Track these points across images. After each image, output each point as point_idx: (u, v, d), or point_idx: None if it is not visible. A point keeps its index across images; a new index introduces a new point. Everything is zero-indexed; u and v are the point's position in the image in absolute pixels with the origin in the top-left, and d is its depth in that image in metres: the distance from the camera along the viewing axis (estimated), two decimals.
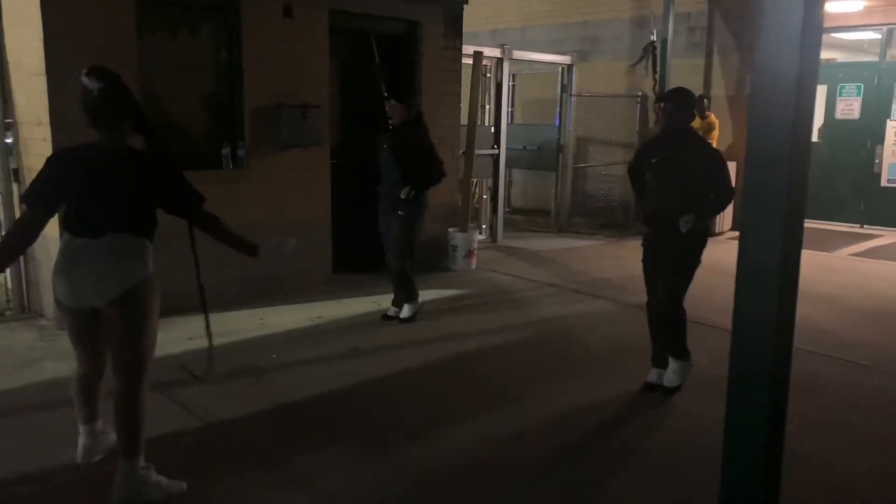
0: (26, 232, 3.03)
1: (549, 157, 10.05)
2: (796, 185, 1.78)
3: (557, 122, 9.95)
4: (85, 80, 2.98)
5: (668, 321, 4.19)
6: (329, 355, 4.91)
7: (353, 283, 6.64)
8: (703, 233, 4.13)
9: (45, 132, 5.10)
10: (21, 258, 5.61)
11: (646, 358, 4.48)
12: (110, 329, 3.03)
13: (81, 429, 3.31)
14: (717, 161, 4.03)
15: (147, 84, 5.44)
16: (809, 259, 8.18)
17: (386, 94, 5.58)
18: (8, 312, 5.64)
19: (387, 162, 5.42)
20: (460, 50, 7.50)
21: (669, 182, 4.01)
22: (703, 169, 3.96)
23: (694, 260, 4.07)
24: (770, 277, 1.84)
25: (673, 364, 4.23)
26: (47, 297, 5.47)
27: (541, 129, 10.39)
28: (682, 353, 4.24)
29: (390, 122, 5.41)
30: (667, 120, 4.00)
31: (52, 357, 4.71)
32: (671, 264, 4.11)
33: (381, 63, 6.62)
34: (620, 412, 4.11)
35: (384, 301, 6.04)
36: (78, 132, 4.96)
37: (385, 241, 5.63)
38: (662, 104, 4.04)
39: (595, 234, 9.90)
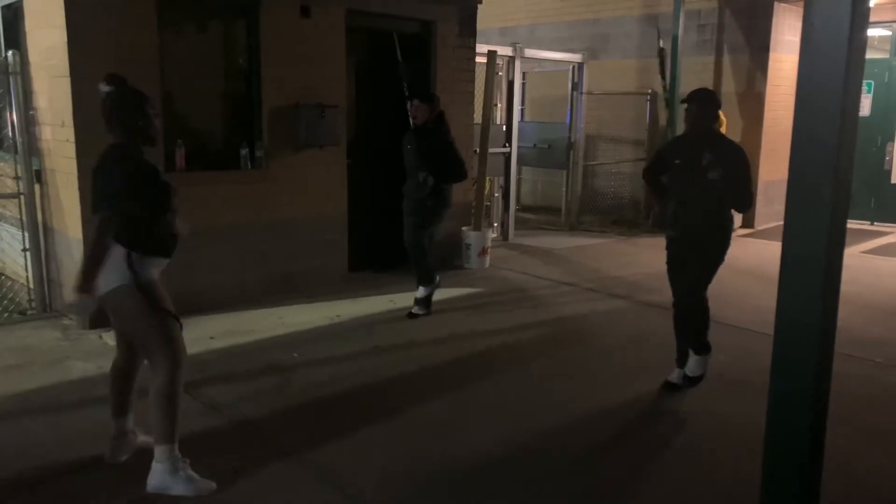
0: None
1: (559, 155, 10.09)
2: (842, 191, 1.83)
3: (568, 119, 9.99)
4: (100, 85, 3.13)
5: (691, 314, 4.23)
6: (351, 353, 4.96)
7: (370, 281, 6.70)
8: (728, 231, 4.17)
9: (68, 133, 5.15)
10: (42, 258, 5.71)
11: (665, 356, 4.53)
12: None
13: (112, 424, 3.39)
14: (740, 161, 4.05)
15: (168, 84, 5.51)
16: None
17: (408, 94, 5.63)
18: (30, 312, 5.70)
19: (411, 162, 5.48)
20: (474, 49, 7.54)
21: (693, 184, 4.05)
22: (726, 170, 3.99)
23: (718, 257, 4.12)
24: (813, 276, 1.90)
25: (694, 357, 4.28)
26: (69, 296, 5.53)
27: (551, 127, 10.43)
28: (703, 349, 4.29)
29: (414, 121, 5.46)
30: (692, 121, 4.04)
31: (78, 356, 4.78)
32: (696, 260, 4.15)
33: (402, 63, 6.65)
34: (645, 410, 4.16)
35: (400, 300, 6.11)
36: (101, 133, 5.08)
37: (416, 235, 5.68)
38: (687, 105, 4.08)
39: (606, 232, 9.94)
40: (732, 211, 4.29)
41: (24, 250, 5.68)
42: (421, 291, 5.75)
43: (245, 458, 3.47)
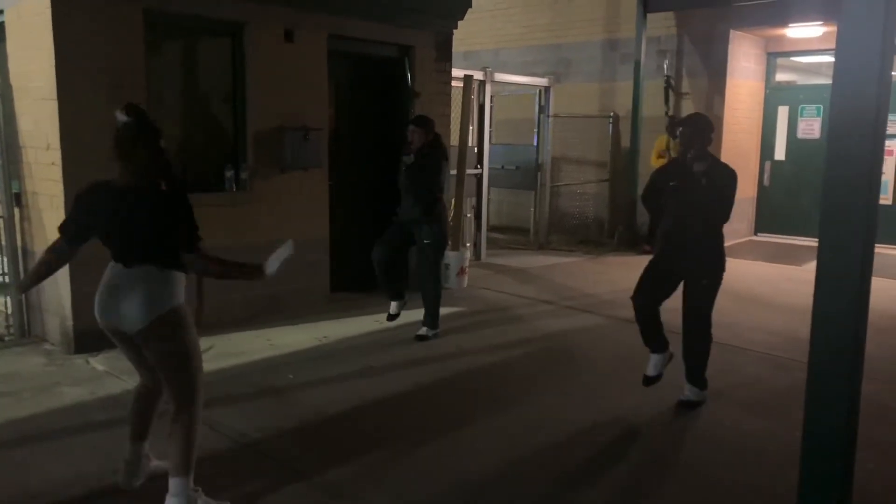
0: (53, 259, 3.16)
1: (527, 176, 10.31)
2: (872, 205, 2.02)
3: (536, 142, 10.22)
4: (116, 114, 3.09)
5: (701, 341, 4.40)
6: (344, 373, 5.00)
7: (351, 302, 6.74)
8: (723, 252, 4.36)
9: (54, 156, 5.10)
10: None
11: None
12: (149, 358, 3.14)
13: (128, 447, 3.35)
14: (731, 183, 4.26)
15: (153, 106, 5.48)
16: (782, 272, 8.60)
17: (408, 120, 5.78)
18: (8, 338, 5.58)
19: (405, 184, 5.57)
20: (450, 73, 7.70)
21: (689, 205, 4.23)
22: (719, 191, 4.19)
23: (718, 279, 4.31)
24: (848, 291, 2.06)
25: (692, 388, 4.45)
26: (51, 322, 5.45)
27: (519, 149, 10.66)
28: (703, 383, 4.46)
29: (410, 145, 5.56)
30: (685, 144, 4.23)
31: (68, 382, 4.70)
32: (697, 287, 4.32)
33: (412, 89, 6.80)
34: (640, 423, 4.30)
35: (384, 319, 6.17)
36: (88, 156, 5.05)
37: (383, 240, 5.74)
38: (681, 129, 4.28)
39: (573, 251, 10.17)
40: None
41: (2, 274, 5.56)
42: (423, 331, 5.79)
43: (256, 479, 3.49)
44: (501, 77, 9.50)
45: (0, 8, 5.55)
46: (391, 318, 5.93)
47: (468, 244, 9.16)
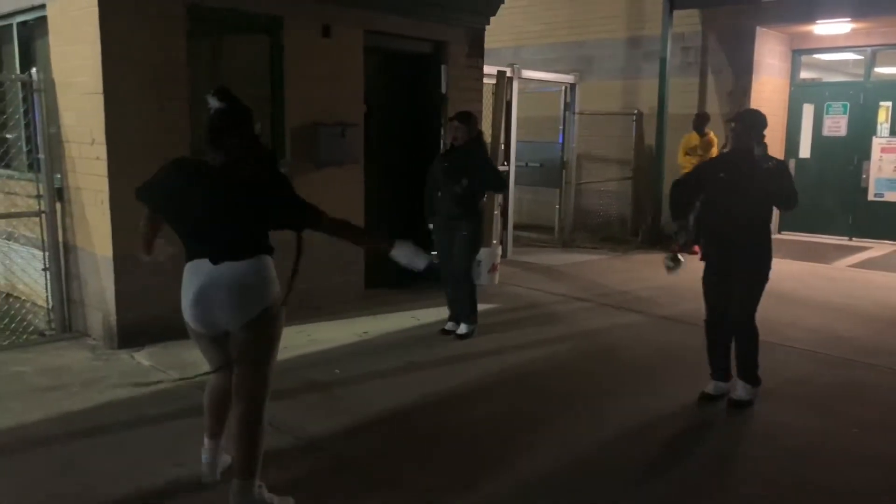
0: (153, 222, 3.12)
1: (551, 174, 10.28)
2: None
3: (561, 139, 10.19)
4: (208, 99, 3.03)
5: (743, 335, 4.36)
6: (388, 370, 4.98)
7: (386, 298, 6.72)
8: (770, 247, 4.32)
9: (98, 151, 5.10)
10: (62, 278, 5.59)
11: (697, 368, 4.64)
12: (238, 350, 3.03)
13: (206, 443, 3.33)
14: (785, 171, 4.24)
15: (195, 103, 5.48)
16: (811, 270, 8.56)
17: (450, 117, 5.75)
18: (49, 332, 5.57)
19: (446, 182, 5.54)
20: (482, 69, 7.68)
21: (738, 198, 4.20)
22: (770, 183, 4.15)
23: (765, 274, 4.27)
24: None
25: (743, 384, 4.41)
26: (94, 316, 5.44)
27: (543, 147, 10.61)
28: (756, 380, 4.42)
29: (453, 142, 5.53)
30: (735, 140, 4.21)
31: (115, 377, 4.70)
32: (744, 281, 4.29)
33: (418, 83, 6.77)
34: (698, 421, 4.28)
35: (423, 316, 6.17)
36: (133, 150, 5.06)
37: (442, 261, 5.68)
38: (733, 125, 4.25)
39: (598, 249, 10.13)
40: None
41: (45, 269, 5.56)
42: (464, 328, 5.68)
43: (319, 478, 3.47)
44: (528, 74, 9.46)
45: (41, 2, 5.54)
46: (446, 333, 5.79)
47: (494, 241, 9.15)
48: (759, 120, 4.27)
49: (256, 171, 3.01)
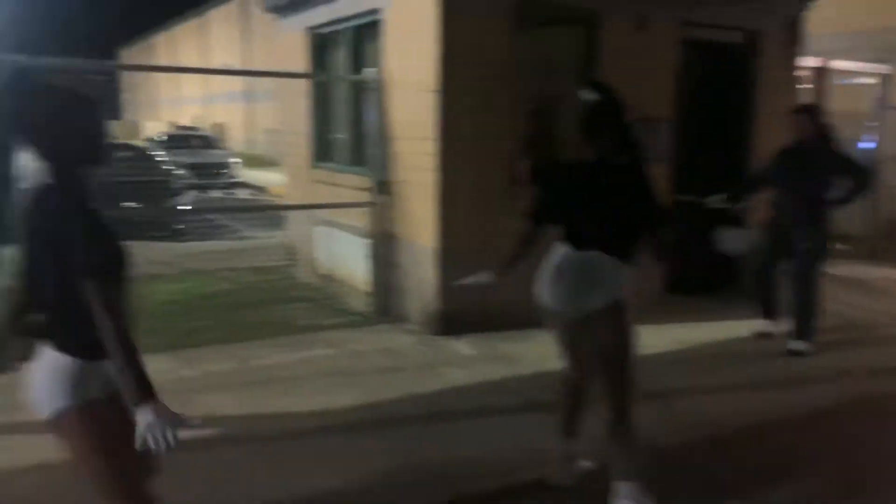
0: (527, 241, 3.13)
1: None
2: None
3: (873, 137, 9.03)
4: (582, 92, 3.01)
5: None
6: (724, 383, 4.65)
7: (689, 305, 6.31)
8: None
9: (427, 147, 5.29)
10: (384, 265, 5.92)
11: None
12: (595, 344, 2.97)
13: (560, 443, 3.28)
14: None
15: (520, 100, 5.52)
16: None
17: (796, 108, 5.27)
18: (368, 316, 5.92)
19: (785, 182, 5.07)
20: (797, 60, 6.98)
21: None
22: None
23: None
24: None
25: None
26: (412, 303, 5.69)
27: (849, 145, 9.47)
28: None
29: (798, 136, 5.05)
30: None
31: (444, 363, 4.84)
32: None
33: (729, 75, 6.29)
34: None
35: (736, 327, 5.69)
36: (461, 146, 5.20)
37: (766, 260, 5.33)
38: None
39: None
40: None
41: (369, 256, 5.92)
42: (799, 344, 5.19)
43: (693, 491, 3.25)
44: (839, 65, 8.48)
45: (376, 7, 5.88)
46: (762, 336, 5.45)
47: None
48: None
49: (629, 162, 3.00)
